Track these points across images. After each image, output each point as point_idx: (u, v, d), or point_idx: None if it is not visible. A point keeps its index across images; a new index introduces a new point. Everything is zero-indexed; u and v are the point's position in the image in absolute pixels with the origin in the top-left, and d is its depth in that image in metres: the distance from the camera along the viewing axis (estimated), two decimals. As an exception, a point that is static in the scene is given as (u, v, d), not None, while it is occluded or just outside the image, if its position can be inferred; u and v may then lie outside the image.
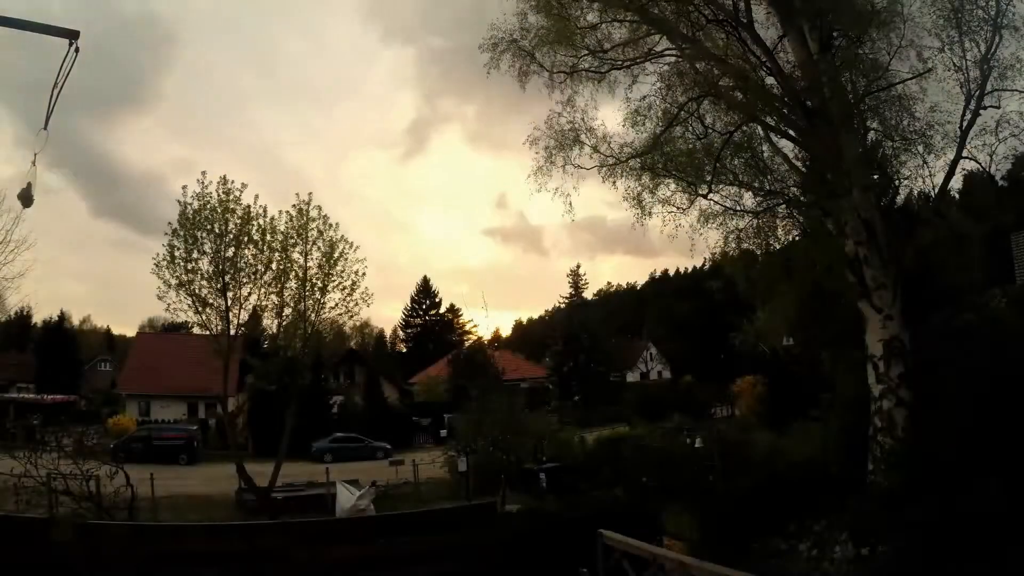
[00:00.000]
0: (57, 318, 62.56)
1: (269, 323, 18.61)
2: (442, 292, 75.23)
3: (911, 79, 11.57)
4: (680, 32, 12.08)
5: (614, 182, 13.03)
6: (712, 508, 10.93)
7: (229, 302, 16.83)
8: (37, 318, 62.89)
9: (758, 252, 13.90)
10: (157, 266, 16.48)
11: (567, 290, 68.41)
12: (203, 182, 16.51)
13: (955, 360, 9.72)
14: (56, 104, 6.10)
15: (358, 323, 56.99)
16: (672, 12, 12.24)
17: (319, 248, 17.69)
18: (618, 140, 13.08)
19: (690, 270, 74.94)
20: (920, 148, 11.67)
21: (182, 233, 16.49)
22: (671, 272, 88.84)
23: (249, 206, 16.89)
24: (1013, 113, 11.09)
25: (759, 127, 12.31)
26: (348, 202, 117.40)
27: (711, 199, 12.59)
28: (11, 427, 32.20)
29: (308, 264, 17.62)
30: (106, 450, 22.28)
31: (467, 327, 70.74)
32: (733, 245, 13.21)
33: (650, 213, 12.85)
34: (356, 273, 17.99)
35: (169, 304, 16.94)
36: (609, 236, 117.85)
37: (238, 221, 16.69)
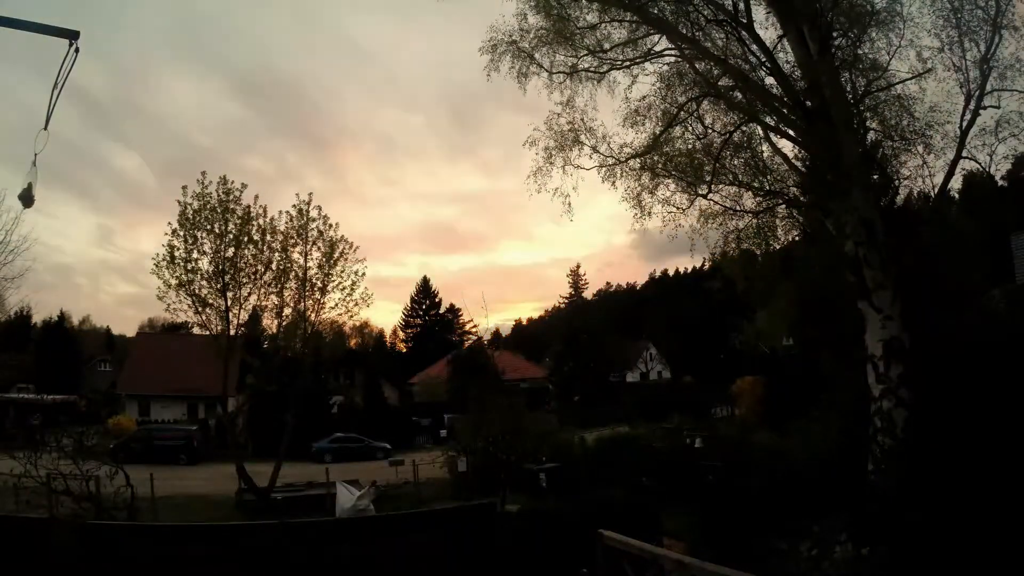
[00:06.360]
0: (57, 318, 62.67)
1: (269, 323, 18.67)
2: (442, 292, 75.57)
3: (911, 79, 11.62)
4: (680, 32, 12.07)
5: (613, 182, 13.07)
6: (712, 508, 10.91)
7: (229, 302, 16.88)
8: (37, 318, 62.96)
9: (758, 252, 13.90)
10: (157, 266, 16.53)
11: (567, 290, 68.50)
12: (203, 182, 16.55)
13: (955, 360, 9.71)
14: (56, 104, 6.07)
15: (358, 323, 57.09)
16: (672, 12, 12.23)
17: (319, 248, 17.77)
18: (618, 140, 13.11)
19: (690, 270, 75.12)
20: (920, 148, 11.73)
21: (182, 233, 16.52)
22: (671, 272, 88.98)
23: (249, 206, 16.96)
24: (1013, 113, 11.13)
25: (759, 127, 12.32)
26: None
27: (711, 199, 12.64)
28: (11, 427, 32.14)
29: (308, 264, 17.69)
30: (106, 450, 22.22)
31: (467, 327, 70.95)
32: (733, 245, 13.23)
33: (650, 213, 12.90)
34: (356, 273, 18.07)
35: (169, 304, 17.01)
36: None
37: (238, 221, 16.73)
